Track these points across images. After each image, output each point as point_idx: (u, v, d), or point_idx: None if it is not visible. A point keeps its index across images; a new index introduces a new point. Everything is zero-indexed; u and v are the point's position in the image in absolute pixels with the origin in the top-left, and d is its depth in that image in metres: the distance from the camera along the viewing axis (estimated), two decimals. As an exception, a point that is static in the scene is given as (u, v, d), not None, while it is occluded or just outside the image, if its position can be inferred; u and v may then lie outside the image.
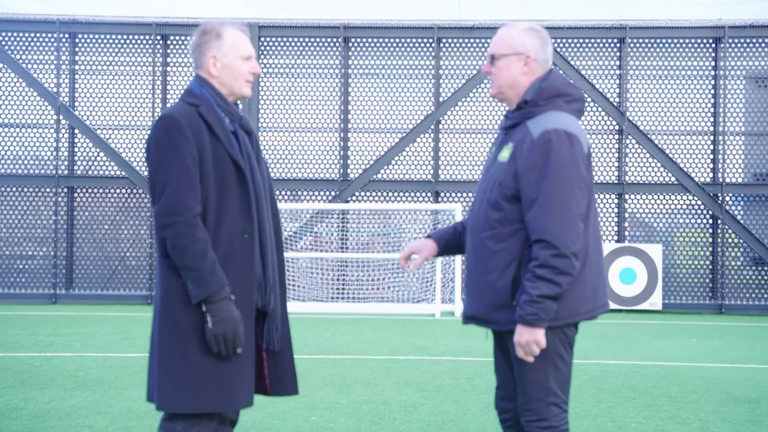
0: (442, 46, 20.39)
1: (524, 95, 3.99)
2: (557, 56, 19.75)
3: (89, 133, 20.30)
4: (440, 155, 20.47)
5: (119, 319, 16.35)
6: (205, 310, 3.79)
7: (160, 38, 20.39)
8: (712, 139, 20.15)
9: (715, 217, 19.99)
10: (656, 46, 20.20)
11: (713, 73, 20.09)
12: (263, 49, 20.49)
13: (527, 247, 3.86)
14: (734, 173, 20.21)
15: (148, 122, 20.50)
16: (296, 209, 20.45)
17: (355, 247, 20.46)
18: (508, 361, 4.07)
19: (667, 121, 20.28)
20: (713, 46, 20.08)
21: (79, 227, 20.58)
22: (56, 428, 6.96)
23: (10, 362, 10.40)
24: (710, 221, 20.17)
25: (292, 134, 20.75)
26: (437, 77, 20.32)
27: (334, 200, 20.25)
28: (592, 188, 3.88)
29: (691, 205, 20.47)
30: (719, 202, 19.82)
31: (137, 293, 20.25)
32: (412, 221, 20.71)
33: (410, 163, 20.59)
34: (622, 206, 20.09)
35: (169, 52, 20.51)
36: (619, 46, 20.04)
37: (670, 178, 19.98)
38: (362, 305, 18.95)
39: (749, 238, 19.79)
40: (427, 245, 4.31)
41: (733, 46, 20.03)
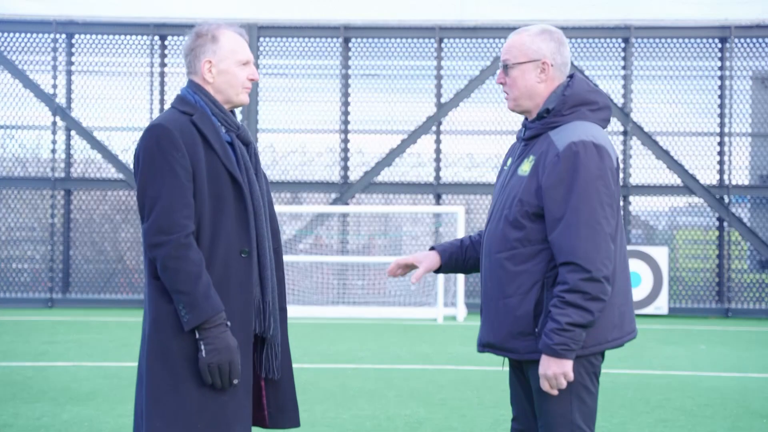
0: (443, 46, 20.14)
1: (546, 104, 3.67)
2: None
3: (86, 135, 20.03)
4: (442, 157, 20.22)
5: (116, 324, 16.07)
6: (198, 337, 3.49)
7: (158, 39, 20.11)
8: (718, 140, 19.86)
9: (721, 219, 19.71)
10: (661, 46, 19.92)
11: (719, 73, 19.81)
12: (262, 49, 20.23)
13: (551, 269, 3.55)
14: (741, 175, 19.94)
15: (146, 124, 20.18)
16: (296, 212, 20.22)
17: (355, 250, 20.20)
18: (526, 392, 3.75)
19: (672, 122, 20.00)
20: (719, 46, 19.80)
21: (76, 230, 20.30)
22: (46, 447, 6.68)
23: (1, 373, 10.11)
24: (716, 224, 19.89)
25: (291, 136, 20.52)
26: (439, 78, 20.07)
27: (334, 203, 20.00)
28: (619, 204, 3.58)
29: (696, 207, 20.19)
30: (725, 204, 19.54)
31: (135, 297, 19.97)
32: (413, 224, 20.46)
33: (412, 165, 20.33)
34: (626, 209, 19.82)
35: (167, 53, 20.23)
36: (623, 46, 19.77)
37: (675, 179, 19.70)
38: (363, 309, 18.67)
39: (756, 241, 19.51)
40: (428, 257, 3.99)
41: (739, 46, 19.75)
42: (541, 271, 3.55)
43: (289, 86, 20.40)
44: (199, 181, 3.55)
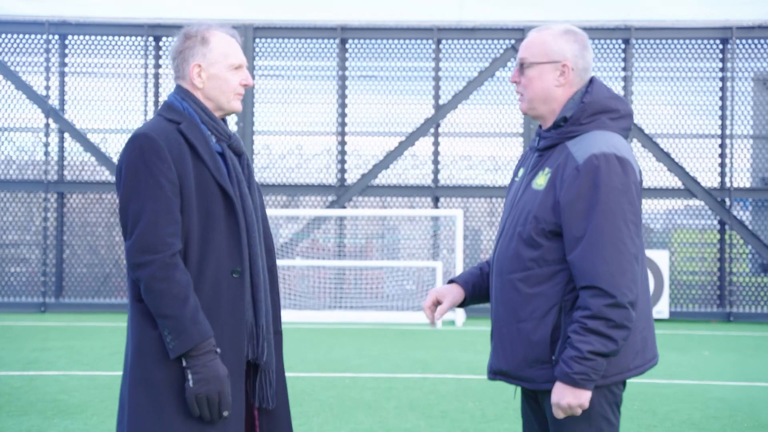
0: (441, 47, 19.91)
1: (563, 111, 3.38)
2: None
3: (79, 137, 19.78)
4: (440, 159, 19.99)
5: (110, 330, 15.79)
6: (185, 365, 3.21)
7: (152, 40, 19.85)
8: (719, 142, 19.63)
9: (722, 222, 19.48)
10: (662, 47, 19.69)
11: (720, 74, 19.58)
12: (258, 50, 20.00)
13: (569, 291, 3.27)
14: (742, 177, 19.71)
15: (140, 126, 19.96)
16: (292, 215, 19.97)
17: (352, 254, 19.96)
18: (541, 423, 3.46)
19: (673, 124, 19.78)
20: (720, 47, 19.57)
21: (69, 234, 20.03)
22: (32, 465, 6.41)
23: (-10, 383, 9.85)
24: (717, 227, 19.66)
25: (287, 138, 20.30)
26: (437, 79, 19.84)
27: (331, 206, 19.76)
28: (641, 221, 3.31)
29: (697, 210, 19.96)
30: (726, 207, 19.30)
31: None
32: (411, 227, 20.22)
33: (409, 167, 20.11)
34: (627, 212, 19.56)
35: (161, 54, 19.98)
36: (623, 47, 19.53)
37: (676, 182, 19.46)
38: (360, 313, 18.41)
39: (757, 244, 19.28)
40: (451, 291, 3.70)
41: (740, 47, 19.52)
42: (558, 293, 3.28)
43: (285, 88, 20.21)
44: (186, 195, 3.28)
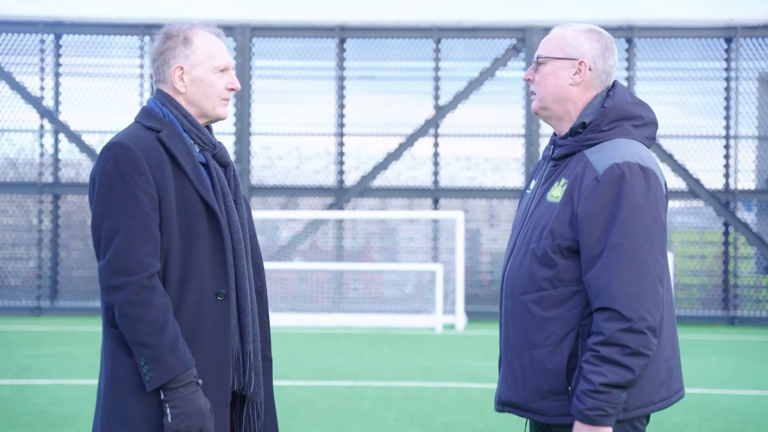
0: (441, 47, 19.66)
1: (581, 117, 3.09)
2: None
3: (75, 138, 19.52)
4: (440, 161, 19.74)
5: (104, 335, 15.50)
6: (163, 399, 2.92)
7: (148, 39, 19.59)
8: (723, 143, 19.36)
9: (726, 224, 19.21)
10: (665, 46, 19.43)
11: (725, 74, 19.31)
12: (256, 50, 19.75)
13: (588, 315, 2.96)
14: (747, 179, 19.45)
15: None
16: (290, 218, 19.73)
17: (351, 256, 19.70)
18: (555, 458, 3.14)
19: (676, 124, 19.51)
20: (725, 46, 19.31)
21: (64, 236, 19.77)
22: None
23: (-22, 393, 9.57)
24: (722, 229, 19.39)
25: (286, 139, 20.08)
26: (437, 79, 19.59)
27: (329, 208, 19.50)
28: (666, 238, 3.02)
29: (701, 212, 19.69)
30: (731, 209, 19.04)
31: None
32: (411, 229, 19.97)
33: (409, 168, 19.87)
34: (630, 214, 19.31)
35: (157, 53, 19.69)
36: (626, 46, 19.27)
37: (679, 184, 19.18)
38: (359, 317, 18.13)
39: (762, 246, 19.02)
40: None
41: (745, 46, 19.25)
42: (575, 317, 2.97)
43: (283, 88, 20.02)
44: (166, 210, 3.00)
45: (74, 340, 14.85)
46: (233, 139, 19.57)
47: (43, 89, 19.64)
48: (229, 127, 19.59)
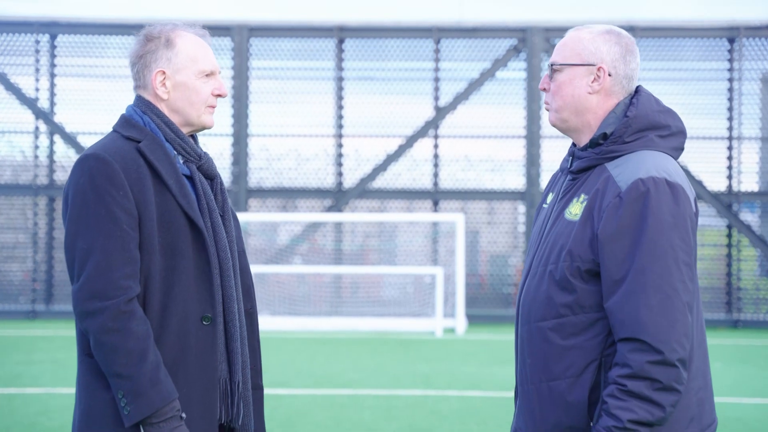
0: (441, 47, 19.45)
1: (602, 127, 2.83)
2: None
3: (70, 140, 19.30)
4: (440, 162, 19.53)
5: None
6: (143, 434, 2.69)
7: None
8: (726, 144, 19.15)
9: (729, 226, 19.00)
10: (667, 47, 19.22)
11: (728, 75, 19.10)
12: (254, 51, 19.54)
13: (611, 344, 2.71)
14: (750, 181, 19.24)
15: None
16: (288, 221, 19.53)
17: (350, 259, 19.49)
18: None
19: (678, 126, 19.27)
20: (728, 47, 19.10)
21: (60, 239, 19.53)
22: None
23: (-33, 403, 9.35)
24: (725, 231, 19.18)
25: (284, 140, 19.87)
26: (437, 80, 19.39)
27: (328, 210, 19.30)
28: (696, 261, 2.77)
29: (703, 214, 19.47)
30: (733, 211, 18.83)
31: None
32: (411, 233, 19.75)
33: (408, 170, 19.67)
34: (632, 216, 19.11)
35: (154, 54, 19.49)
36: (628, 47, 19.04)
37: (682, 186, 18.95)
38: (358, 320, 17.90)
39: (765, 248, 18.82)
40: None
41: (748, 46, 19.04)
42: (597, 346, 2.72)
43: (281, 89, 19.82)
44: (146, 228, 2.76)
45: (69, 344, 14.61)
46: (231, 140, 19.37)
47: (38, 90, 19.43)
48: (226, 128, 19.40)
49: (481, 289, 19.57)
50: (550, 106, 2.91)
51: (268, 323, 17.37)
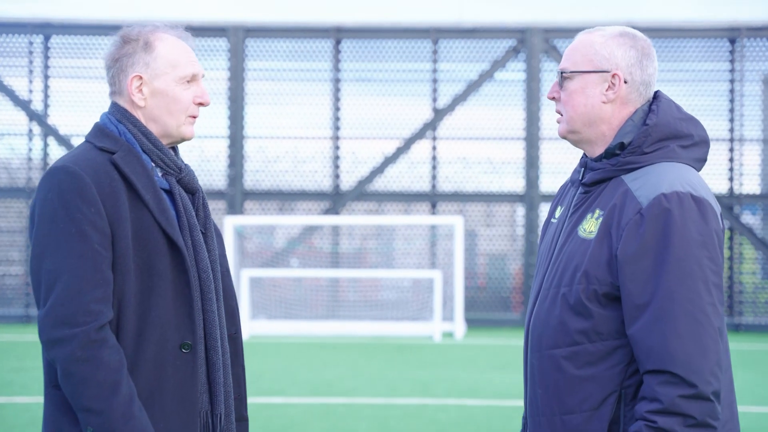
0: (439, 48, 19.27)
1: (619, 136, 2.59)
2: (558, 61, 18.57)
3: (64, 142, 19.11)
4: (438, 164, 19.35)
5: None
6: (116, 475, 2.46)
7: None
8: (728, 146, 18.97)
9: (731, 229, 18.82)
10: (667, 48, 19.05)
11: (729, 76, 18.92)
12: (250, 52, 19.36)
13: (631, 374, 2.49)
14: (751, 183, 19.06)
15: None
16: (285, 224, 19.35)
17: (347, 262, 19.30)
18: None
19: (679, 127, 19.12)
20: (729, 47, 18.92)
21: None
22: None
23: (-45, 413, 9.15)
24: (726, 234, 18.97)
25: (280, 142, 19.70)
26: (435, 81, 19.21)
27: (325, 213, 19.12)
28: (723, 282, 2.55)
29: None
30: (735, 213, 18.65)
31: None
32: (408, 236, 19.57)
33: (406, 172, 19.49)
34: (632, 218, 18.94)
35: (149, 55, 19.31)
36: (628, 48, 18.87)
37: (683, 188, 18.79)
38: (355, 324, 17.71)
39: (767, 251, 18.62)
40: None
41: (750, 47, 18.86)
42: (616, 377, 2.50)
43: (277, 90, 19.67)
44: (121, 247, 2.53)
45: (62, 350, 14.42)
46: (227, 142, 19.19)
47: (31, 92, 19.25)
48: (222, 130, 19.22)
49: (479, 292, 19.39)
50: (561, 116, 2.68)
51: (264, 327, 17.17)
